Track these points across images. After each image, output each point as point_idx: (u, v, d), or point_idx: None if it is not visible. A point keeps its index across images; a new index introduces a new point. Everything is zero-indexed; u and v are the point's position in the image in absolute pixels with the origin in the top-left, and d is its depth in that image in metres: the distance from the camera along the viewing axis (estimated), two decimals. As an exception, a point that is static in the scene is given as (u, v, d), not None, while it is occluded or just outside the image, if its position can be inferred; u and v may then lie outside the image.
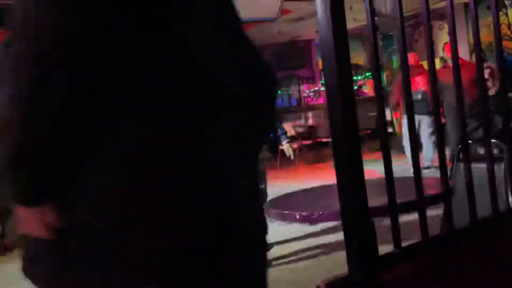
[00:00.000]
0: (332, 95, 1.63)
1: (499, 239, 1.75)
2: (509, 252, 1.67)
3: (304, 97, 14.48)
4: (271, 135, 4.10)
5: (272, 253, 4.56)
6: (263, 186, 4.17)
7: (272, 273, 3.49)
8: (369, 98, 11.11)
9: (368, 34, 1.71)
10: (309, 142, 10.32)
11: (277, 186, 4.71)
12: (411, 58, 6.64)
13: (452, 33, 1.92)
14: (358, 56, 13.91)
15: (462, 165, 2.19)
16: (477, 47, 2.00)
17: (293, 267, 4.22)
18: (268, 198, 4.60)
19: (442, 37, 11.22)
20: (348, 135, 1.61)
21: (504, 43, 8.72)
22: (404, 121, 6.13)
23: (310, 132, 10.45)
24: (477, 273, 1.53)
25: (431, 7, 1.95)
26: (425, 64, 2.73)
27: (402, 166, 6.49)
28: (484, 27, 5.10)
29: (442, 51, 10.53)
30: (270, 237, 3.67)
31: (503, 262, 1.60)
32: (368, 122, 9.17)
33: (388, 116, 9.45)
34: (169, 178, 0.87)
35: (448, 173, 2.33)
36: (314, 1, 1.62)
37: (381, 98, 1.86)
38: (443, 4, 2.05)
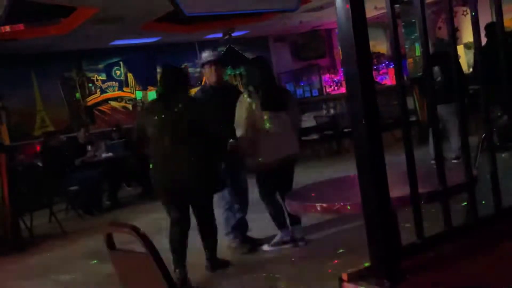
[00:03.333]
0: (351, 85, 1.61)
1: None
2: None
3: (325, 87, 14.39)
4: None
5: (297, 244, 4.58)
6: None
7: (297, 266, 3.50)
8: (393, 87, 10.98)
9: (388, 22, 1.68)
10: (331, 132, 10.26)
11: (296, 175, 4.69)
12: None
13: (475, 22, 1.88)
14: (381, 45, 13.73)
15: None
16: (500, 32, 1.95)
17: (315, 258, 4.23)
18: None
19: (467, 22, 11.00)
20: (369, 125, 1.60)
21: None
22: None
23: (332, 122, 10.38)
24: (497, 261, 1.50)
25: (453, -7, 1.91)
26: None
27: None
28: (509, 12, 4.97)
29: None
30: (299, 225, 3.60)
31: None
32: (392, 111, 9.05)
33: (411, 105, 9.32)
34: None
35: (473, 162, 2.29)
36: (333, -10, 1.60)
37: (402, 86, 1.84)
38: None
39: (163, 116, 4.03)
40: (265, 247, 4.59)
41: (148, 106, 4.82)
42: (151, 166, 4.16)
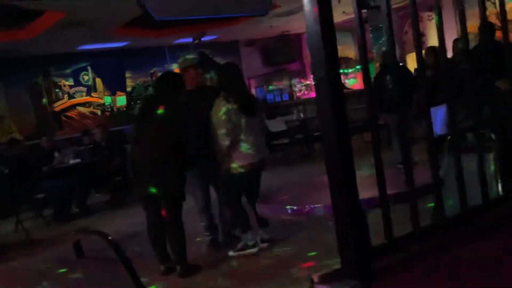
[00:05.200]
0: (320, 88, 1.63)
1: (489, 227, 1.77)
2: (497, 239, 1.68)
3: (295, 91, 14.49)
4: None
5: (264, 247, 4.59)
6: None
7: (267, 269, 3.49)
8: (361, 91, 11.12)
9: (356, 27, 1.71)
10: (301, 136, 10.33)
11: (267, 179, 4.70)
12: None
13: (440, 24, 1.93)
14: (349, 49, 13.92)
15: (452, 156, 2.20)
16: (464, 36, 2.01)
17: (284, 260, 4.24)
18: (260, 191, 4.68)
19: (432, 27, 11.25)
20: (338, 128, 1.62)
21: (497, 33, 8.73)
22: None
23: (302, 126, 10.45)
24: (466, 261, 1.54)
25: (418, -2, 1.96)
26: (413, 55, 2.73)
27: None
28: (473, 16, 5.10)
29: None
30: (266, 231, 3.61)
31: (491, 249, 1.62)
32: (359, 115, 9.16)
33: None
34: None
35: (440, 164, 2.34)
36: (301, -5, 1.62)
37: (370, 90, 1.87)
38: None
39: (147, 116, 4.22)
40: (231, 253, 4.57)
41: (139, 106, 5.06)
42: (129, 162, 4.32)
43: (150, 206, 4.24)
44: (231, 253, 4.55)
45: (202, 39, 11.67)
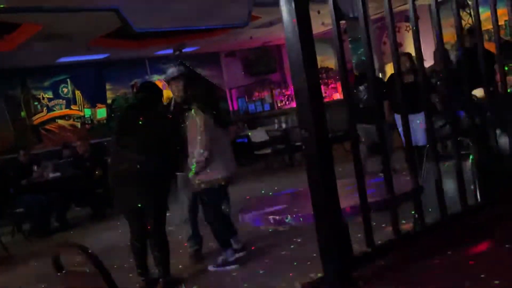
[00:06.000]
0: (300, 98, 1.64)
1: (468, 233, 1.79)
2: (478, 244, 1.70)
3: (276, 101, 14.55)
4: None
5: (245, 257, 4.57)
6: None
7: (247, 277, 3.47)
8: (340, 100, 11.22)
9: (333, 38, 1.73)
10: (283, 146, 10.36)
11: (250, 189, 4.70)
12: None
13: (416, 33, 1.96)
14: (329, 60, 14.05)
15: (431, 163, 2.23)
16: (441, 47, 2.04)
17: (268, 270, 4.23)
18: (242, 201, 4.66)
19: (409, 38, 11.44)
20: (318, 137, 1.63)
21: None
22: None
23: (284, 136, 10.49)
24: (445, 267, 1.55)
25: (397, 9, 1.99)
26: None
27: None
28: (449, 27, 5.20)
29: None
30: (244, 239, 3.61)
31: (472, 255, 1.64)
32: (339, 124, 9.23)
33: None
34: None
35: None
36: (280, 6, 1.63)
37: (349, 99, 1.89)
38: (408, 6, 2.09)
39: (129, 127, 4.21)
40: (210, 268, 4.53)
41: (119, 113, 5.09)
42: (108, 173, 4.34)
43: (134, 219, 4.20)
44: (211, 268, 4.51)
45: (183, 50, 11.66)
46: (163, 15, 7.68)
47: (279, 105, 14.49)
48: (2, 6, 6.38)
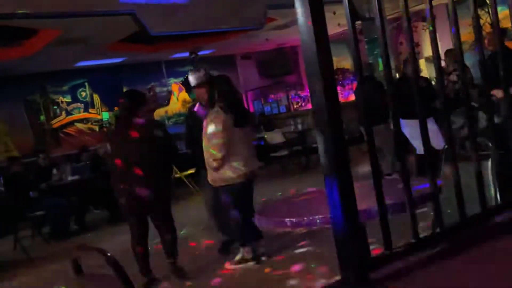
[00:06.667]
0: (316, 100, 1.63)
1: (487, 236, 1.76)
2: (497, 247, 1.68)
3: (292, 103, 14.53)
4: None
5: (264, 259, 4.56)
6: None
7: (267, 282, 3.47)
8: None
9: (349, 38, 1.72)
10: (299, 148, 10.33)
11: (266, 191, 4.71)
12: None
13: (433, 33, 1.94)
14: (345, 60, 13.99)
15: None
16: (457, 46, 2.02)
17: (284, 272, 4.22)
18: (259, 203, 4.69)
19: (426, 38, 11.32)
20: (334, 139, 1.62)
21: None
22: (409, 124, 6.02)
23: (300, 138, 10.47)
24: (465, 271, 1.53)
25: (414, 8, 1.97)
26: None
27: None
28: (467, 26, 5.13)
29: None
30: (262, 243, 3.59)
31: (492, 258, 1.61)
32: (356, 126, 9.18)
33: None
34: None
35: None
36: (295, 8, 1.63)
37: (364, 100, 1.87)
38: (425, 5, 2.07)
39: (125, 134, 4.42)
40: (228, 265, 4.55)
41: (112, 128, 5.27)
42: (112, 181, 4.53)
43: (140, 219, 4.46)
44: (229, 265, 4.53)
45: (199, 53, 11.71)
46: (178, 18, 7.73)
47: (295, 106, 14.47)
48: (21, 12, 6.49)
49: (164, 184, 4.50)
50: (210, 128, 4.37)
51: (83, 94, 12.31)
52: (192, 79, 4.83)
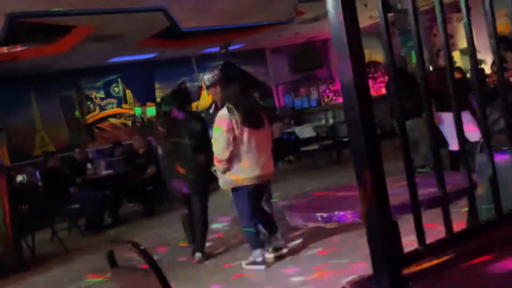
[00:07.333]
0: (347, 94, 1.62)
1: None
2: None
3: (323, 97, 14.42)
4: None
5: (290, 254, 4.56)
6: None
7: (297, 276, 3.46)
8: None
9: (381, 31, 1.69)
10: (330, 142, 10.27)
11: (296, 186, 4.69)
12: None
13: (468, 25, 1.89)
14: (377, 53, 13.79)
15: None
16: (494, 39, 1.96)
17: (318, 268, 4.21)
18: (289, 199, 4.67)
19: (461, 30, 11.06)
20: (366, 133, 1.60)
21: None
22: (445, 117, 5.87)
23: (331, 132, 10.40)
24: (501, 267, 1.50)
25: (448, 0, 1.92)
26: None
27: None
28: (503, 16, 4.98)
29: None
30: (289, 237, 3.59)
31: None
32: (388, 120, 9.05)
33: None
34: None
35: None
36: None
37: (398, 94, 1.84)
38: (458, -4, 2.02)
39: (175, 129, 5.11)
40: (243, 264, 4.56)
41: (163, 122, 5.93)
42: (163, 167, 5.55)
43: (185, 204, 5.16)
44: (243, 264, 4.54)
45: (229, 48, 11.74)
46: (209, 13, 7.76)
47: (325, 100, 14.36)
48: (55, 9, 6.63)
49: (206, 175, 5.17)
50: (214, 130, 4.36)
51: (116, 89, 12.51)
52: (205, 79, 4.88)
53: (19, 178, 9.04)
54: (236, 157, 4.32)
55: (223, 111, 4.36)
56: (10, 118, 10.76)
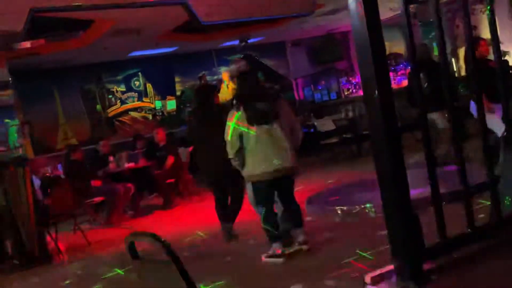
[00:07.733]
0: (368, 86, 1.61)
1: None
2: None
3: (343, 89, 14.31)
4: None
5: (311, 247, 4.56)
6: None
7: (320, 267, 3.44)
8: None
9: (403, 23, 1.68)
10: (350, 135, 10.19)
11: (317, 179, 4.67)
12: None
13: (492, 15, 1.86)
14: (398, 45, 13.61)
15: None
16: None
17: (336, 261, 4.20)
18: (309, 192, 4.65)
19: (485, 21, 10.85)
20: (387, 126, 1.59)
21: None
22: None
23: (351, 125, 10.31)
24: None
25: (468, -10, 1.89)
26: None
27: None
28: (528, 7, 4.88)
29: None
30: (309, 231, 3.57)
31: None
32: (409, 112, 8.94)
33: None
34: None
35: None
36: (346, -7, 1.60)
37: (419, 86, 1.82)
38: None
39: (204, 121, 5.46)
40: (263, 257, 4.57)
41: (193, 113, 6.10)
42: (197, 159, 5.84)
43: (218, 188, 5.52)
44: (263, 257, 4.56)
45: (248, 41, 11.72)
46: (228, 7, 7.75)
47: (346, 93, 14.25)
48: (76, 4, 6.70)
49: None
50: (226, 125, 4.45)
51: (137, 83, 12.61)
52: (229, 71, 4.98)
53: (43, 171, 9.19)
54: (246, 153, 4.40)
55: (231, 109, 4.46)
56: (33, 111, 10.92)
